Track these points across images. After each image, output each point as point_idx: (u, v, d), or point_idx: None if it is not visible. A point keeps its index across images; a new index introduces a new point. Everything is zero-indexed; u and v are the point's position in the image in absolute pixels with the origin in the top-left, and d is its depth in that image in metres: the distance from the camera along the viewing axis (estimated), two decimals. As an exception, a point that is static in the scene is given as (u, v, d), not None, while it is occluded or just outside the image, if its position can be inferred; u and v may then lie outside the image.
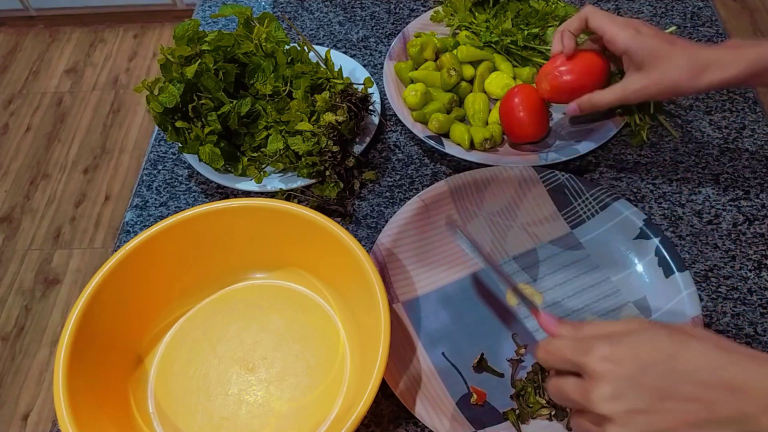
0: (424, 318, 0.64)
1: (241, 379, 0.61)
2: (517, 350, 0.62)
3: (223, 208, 0.63)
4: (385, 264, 0.66)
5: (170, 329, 0.65)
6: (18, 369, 1.55)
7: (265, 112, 0.74)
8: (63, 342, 0.54)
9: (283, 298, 0.66)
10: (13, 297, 1.67)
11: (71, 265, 1.72)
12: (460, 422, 0.57)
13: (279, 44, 0.76)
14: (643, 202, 0.73)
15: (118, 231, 0.76)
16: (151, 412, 0.60)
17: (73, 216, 1.82)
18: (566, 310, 0.64)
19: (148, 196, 0.78)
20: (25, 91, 2.14)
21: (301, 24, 0.95)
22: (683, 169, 0.75)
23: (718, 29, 0.89)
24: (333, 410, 0.59)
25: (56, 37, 2.30)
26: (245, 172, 0.74)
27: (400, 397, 0.57)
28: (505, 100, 0.74)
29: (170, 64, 0.71)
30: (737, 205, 0.72)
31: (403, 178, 0.77)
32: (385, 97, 0.84)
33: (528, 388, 0.58)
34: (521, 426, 0.57)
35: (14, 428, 1.47)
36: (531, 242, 0.69)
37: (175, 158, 0.81)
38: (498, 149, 0.76)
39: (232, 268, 0.67)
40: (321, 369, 0.61)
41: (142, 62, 2.21)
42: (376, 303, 0.56)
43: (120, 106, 2.08)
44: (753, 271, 0.67)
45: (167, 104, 0.70)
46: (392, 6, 0.97)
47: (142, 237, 0.60)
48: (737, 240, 0.69)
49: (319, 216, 0.61)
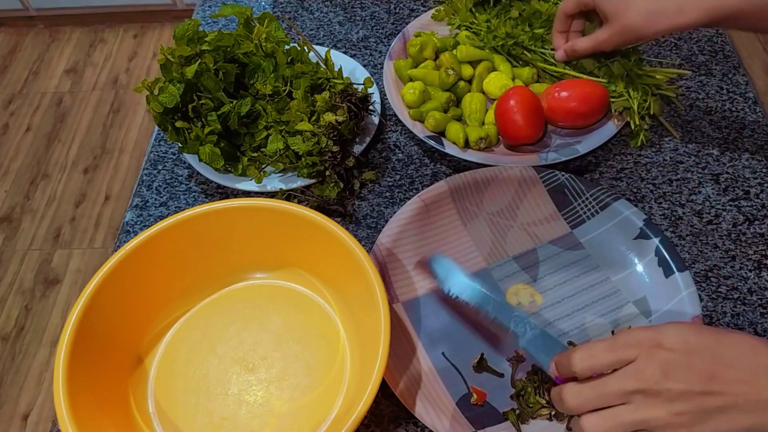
0: (424, 318, 0.64)
1: (241, 379, 0.61)
2: (517, 350, 0.62)
3: (223, 208, 0.63)
4: (385, 264, 0.66)
5: (170, 329, 0.65)
6: (18, 369, 1.55)
7: (265, 112, 0.74)
8: (63, 342, 0.54)
9: (283, 298, 0.66)
10: (13, 297, 1.67)
11: (71, 265, 1.72)
12: (460, 422, 0.57)
13: (279, 44, 0.76)
14: (643, 202, 0.73)
15: (118, 231, 0.76)
16: (151, 412, 0.60)
17: (73, 216, 1.82)
18: (566, 310, 0.64)
19: (148, 196, 0.78)
20: (25, 91, 2.14)
21: (301, 24, 0.95)
22: (683, 169, 0.75)
23: (718, 29, 0.89)
24: (333, 410, 0.59)
25: (56, 37, 2.30)
26: (245, 172, 0.74)
27: (400, 397, 0.58)
28: (501, 102, 0.74)
29: (170, 64, 0.71)
30: (737, 205, 0.72)
31: (403, 178, 0.77)
32: (385, 97, 0.84)
33: (528, 388, 0.58)
34: (521, 426, 0.57)
35: (14, 428, 1.47)
36: (531, 242, 0.69)
37: (175, 158, 0.81)
38: (494, 149, 0.76)
39: (232, 268, 0.67)
40: (321, 369, 0.61)
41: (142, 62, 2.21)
42: (376, 303, 0.56)
43: (120, 106, 2.08)
44: (753, 271, 0.67)
45: (167, 104, 0.70)
46: (392, 6, 0.97)
47: (142, 237, 0.60)
48: (737, 240, 0.69)
49: (319, 216, 0.61)
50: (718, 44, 0.87)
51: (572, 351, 0.48)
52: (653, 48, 0.87)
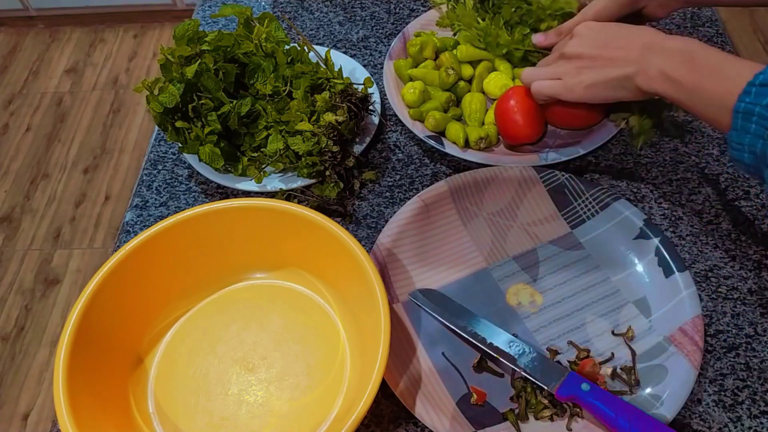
0: (424, 318, 0.64)
1: (241, 379, 0.61)
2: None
3: (223, 208, 0.63)
4: (385, 264, 0.66)
5: (170, 329, 0.65)
6: (18, 369, 1.55)
7: (265, 112, 0.74)
8: (63, 342, 0.54)
9: (283, 298, 0.66)
10: (13, 297, 1.67)
11: (71, 265, 1.72)
12: (460, 422, 0.57)
13: (279, 44, 0.76)
14: (643, 202, 0.73)
15: (118, 231, 0.76)
16: (151, 412, 0.60)
17: (73, 216, 1.82)
18: (566, 310, 0.64)
19: (148, 196, 0.78)
20: (25, 91, 2.14)
21: (301, 24, 0.95)
22: (683, 169, 0.75)
23: (718, 29, 0.89)
24: (333, 410, 0.59)
25: (56, 37, 2.30)
26: (245, 172, 0.74)
27: (400, 397, 0.58)
28: (501, 102, 0.74)
29: (170, 64, 0.71)
30: (737, 205, 0.72)
31: (403, 178, 0.77)
32: (385, 97, 0.84)
33: (528, 388, 0.58)
34: (521, 426, 0.57)
35: (14, 428, 1.47)
36: (531, 242, 0.69)
37: (175, 158, 0.81)
38: (494, 149, 0.76)
39: (232, 268, 0.67)
40: (321, 369, 0.61)
41: (142, 62, 2.21)
42: (376, 303, 0.56)
43: (120, 106, 2.08)
44: (753, 271, 0.67)
45: (167, 104, 0.70)
46: (392, 6, 0.97)
47: (142, 237, 0.60)
48: (737, 240, 0.69)
49: (319, 216, 0.61)
50: (718, 44, 0.87)
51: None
52: (653, 48, 0.87)
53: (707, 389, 0.60)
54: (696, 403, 0.59)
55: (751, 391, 0.59)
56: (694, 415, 0.58)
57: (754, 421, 0.58)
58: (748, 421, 0.58)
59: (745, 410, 0.58)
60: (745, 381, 0.60)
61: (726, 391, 0.59)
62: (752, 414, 0.58)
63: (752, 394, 0.59)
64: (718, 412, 0.58)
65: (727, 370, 0.61)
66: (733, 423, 0.58)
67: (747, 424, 0.57)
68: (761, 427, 0.57)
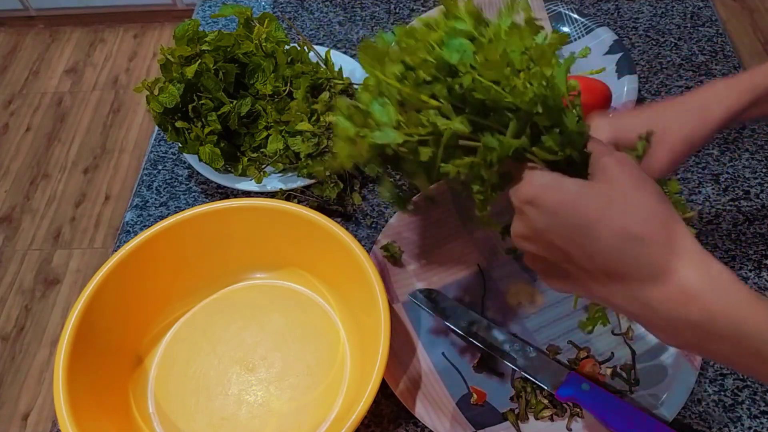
0: (424, 318, 0.64)
1: (241, 379, 0.61)
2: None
3: (223, 208, 0.63)
4: (385, 264, 0.66)
5: (170, 329, 0.65)
6: (18, 369, 1.55)
7: (265, 112, 0.74)
8: (63, 342, 0.54)
9: (283, 298, 0.66)
10: (13, 297, 1.67)
11: (71, 265, 1.72)
12: (460, 422, 0.57)
13: (279, 44, 0.76)
14: (643, 202, 0.73)
15: (118, 231, 0.76)
16: (151, 412, 0.60)
17: (73, 216, 1.82)
18: (566, 310, 0.64)
19: (148, 196, 0.78)
20: (25, 91, 2.14)
21: (301, 24, 0.95)
22: (683, 169, 0.75)
23: (718, 29, 0.89)
24: (333, 410, 0.59)
25: (56, 37, 2.30)
26: (245, 172, 0.74)
27: (400, 397, 0.57)
28: None
29: (170, 64, 0.71)
30: (737, 205, 0.72)
31: (403, 177, 0.77)
32: (385, 97, 0.83)
33: (528, 388, 0.58)
34: (521, 426, 0.57)
35: (14, 428, 1.47)
36: (531, 242, 0.69)
37: (175, 158, 0.81)
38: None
39: (232, 268, 0.67)
40: (321, 369, 0.61)
41: (142, 62, 2.21)
42: (376, 303, 0.56)
43: (120, 106, 2.08)
44: (753, 271, 0.67)
45: (167, 104, 0.70)
46: (392, 6, 0.97)
47: (142, 237, 0.60)
48: (737, 240, 0.69)
49: (319, 216, 0.61)
50: (718, 44, 0.87)
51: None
52: (653, 48, 0.87)
53: (707, 389, 0.60)
54: (696, 403, 0.59)
55: (751, 391, 0.59)
56: (694, 415, 0.58)
57: (754, 421, 0.58)
58: (748, 421, 0.58)
59: (745, 410, 0.58)
60: (745, 381, 0.60)
61: (726, 391, 0.59)
62: (752, 414, 0.58)
63: (752, 394, 0.59)
64: (718, 412, 0.58)
65: (727, 370, 0.61)
66: (733, 423, 0.58)
67: (747, 424, 0.57)
68: (761, 427, 0.57)
